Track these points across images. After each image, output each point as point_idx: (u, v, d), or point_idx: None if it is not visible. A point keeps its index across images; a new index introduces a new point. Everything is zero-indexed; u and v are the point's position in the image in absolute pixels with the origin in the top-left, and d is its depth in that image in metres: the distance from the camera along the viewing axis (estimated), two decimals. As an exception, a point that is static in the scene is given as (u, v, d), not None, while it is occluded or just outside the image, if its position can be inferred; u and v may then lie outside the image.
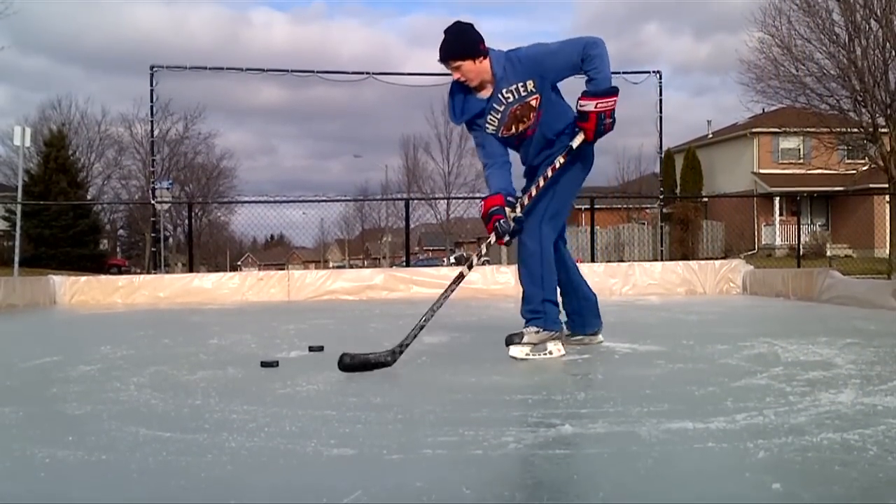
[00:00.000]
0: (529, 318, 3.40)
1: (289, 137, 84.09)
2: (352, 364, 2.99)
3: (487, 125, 3.39)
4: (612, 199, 30.68)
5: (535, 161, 3.51)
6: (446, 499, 1.45)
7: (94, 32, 65.79)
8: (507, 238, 3.29)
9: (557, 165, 3.33)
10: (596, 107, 3.21)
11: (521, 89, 3.29)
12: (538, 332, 3.37)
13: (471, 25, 3.34)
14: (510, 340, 3.40)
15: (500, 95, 3.31)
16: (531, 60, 3.28)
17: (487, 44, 3.33)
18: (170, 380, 2.93)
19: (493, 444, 1.82)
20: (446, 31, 3.31)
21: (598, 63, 3.20)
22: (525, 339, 3.37)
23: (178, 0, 75.45)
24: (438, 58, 3.32)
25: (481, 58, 3.27)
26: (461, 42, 3.28)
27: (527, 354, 3.34)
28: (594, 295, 3.77)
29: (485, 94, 3.35)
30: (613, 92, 3.24)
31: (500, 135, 3.42)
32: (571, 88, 3.38)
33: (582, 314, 3.73)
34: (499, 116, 3.36)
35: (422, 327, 3.21)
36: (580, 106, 3.26)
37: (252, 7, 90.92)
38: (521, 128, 3.39)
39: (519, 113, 3.34)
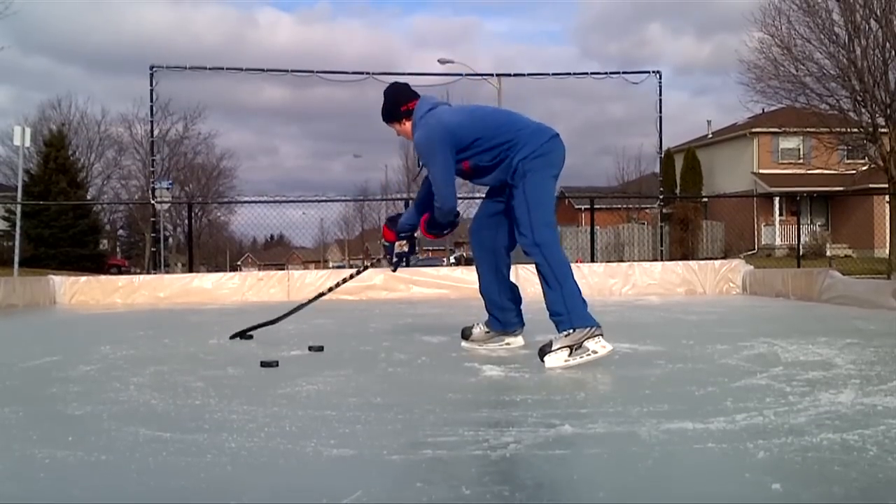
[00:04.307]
0: (556, 321, 3.23)
1: (290, 137, 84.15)
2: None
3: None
4: (612, 199, 30.66)
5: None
6: (446, 499, 1.45)
7: (97, 32, 65.84)
8: (392, 268, 4.05)
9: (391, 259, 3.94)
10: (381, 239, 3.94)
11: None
12: (568, 333, 3.16)
13: (397, 88, 3.66)
14: (542, 352, 3.18)
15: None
16: (418, 150, 3.54)
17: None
18: (169, 380, 2.93)
19: (492, 445, 1.82)
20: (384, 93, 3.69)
21: (434, 215, 3.58)
22: (556, 345, 3.15)
23: (183, 0, 75.52)
24: None
25: (404, 120, 3.59)
26: (386, 108, 3.64)
27: (566, 360, 3.11)
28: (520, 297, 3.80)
29: None
30: (391, 230, 3.82)
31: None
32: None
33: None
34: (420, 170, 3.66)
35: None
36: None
37: (258, 7, 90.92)
38: None
39: None
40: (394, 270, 4.35)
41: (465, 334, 3.86)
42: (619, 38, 73.20)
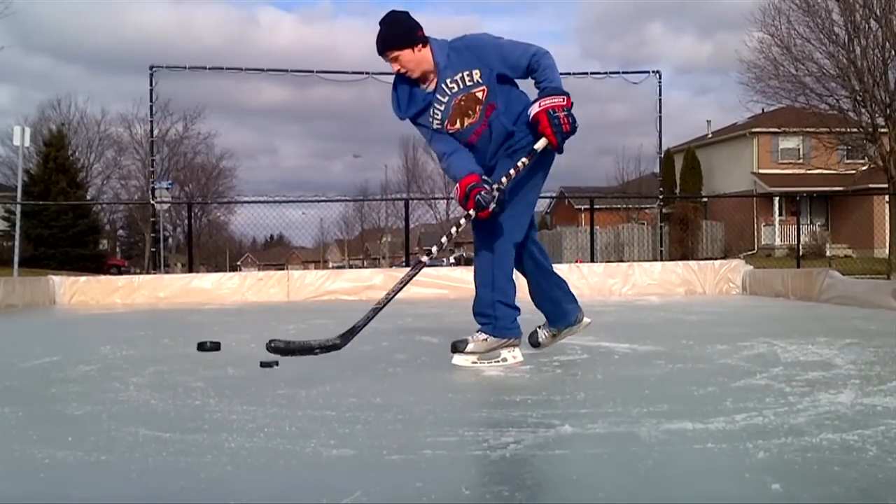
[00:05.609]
0: (479, 322, 3.17)
1: (290, 137, 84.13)
2: (286, 349, 2.63)
3: (432, 119, 3.11)
4: (612, 199, 30.68)
5: (493, 161, 3.18)
6: (446, 499, 1.45)
7: (97, 32, 65.88)
8: (492, 206, 2.92)
9: (521, 166, 3.02)
10: (541, 105, 2.96)
11: (467, 78, 3.03)
12: (486, 339, 3.13)
13: (407, 13, 3.08)
14: (455, 347, 3.16)
15: (443, 86, 3.04)
16: (477, 49, 3.04)
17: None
18: (169, 380, 2.93)
19: (492, 445, 1.82)
20: (381, 22, 3.05)
21: (549, 73, 3.01)
22: (470, 347, 3.13)
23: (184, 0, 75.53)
24: (376, 51, 3.07)
25: (420, 45, 3.00)
26: (397, 30, 3.02)
27: (473, 363, 3.11)
28: (564, 282, 3.44)
29: (430, 87, 3.09)
30: (562, 93, 2.99)
31: (445, 130, 3.12)
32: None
33: (559, 304, 3.38)
34: (442, 109, 3.07)
35: (377, 311, 2.95)
36: (529, 114, 3.02)
37: (259, 7, 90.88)
38: (466, 123, 3.09)
39: (464, 105, 3.06)
40: (493, 211, 2.99)
41: (532, 341, 3.47)
42: (620, 38, 73.27)
